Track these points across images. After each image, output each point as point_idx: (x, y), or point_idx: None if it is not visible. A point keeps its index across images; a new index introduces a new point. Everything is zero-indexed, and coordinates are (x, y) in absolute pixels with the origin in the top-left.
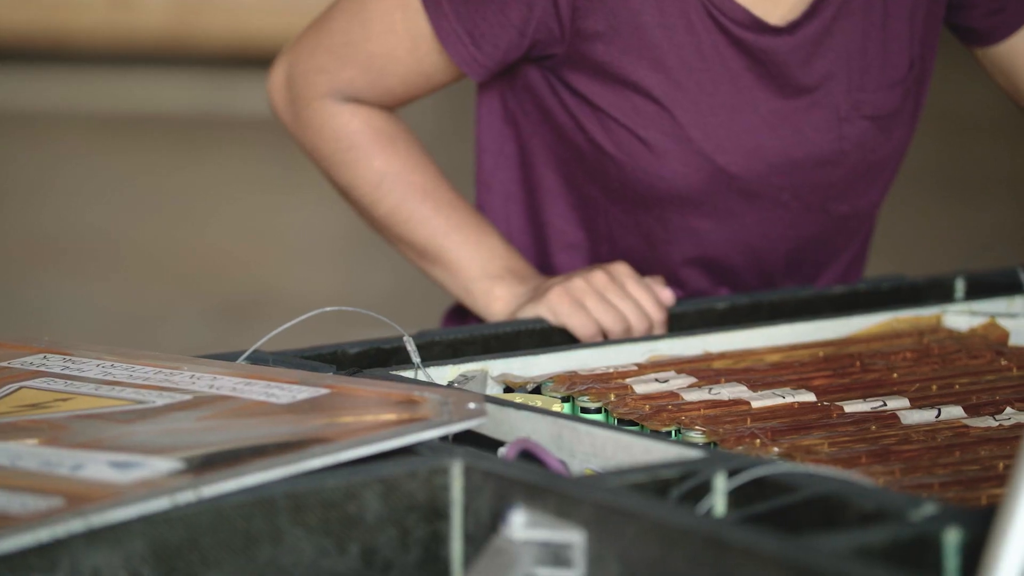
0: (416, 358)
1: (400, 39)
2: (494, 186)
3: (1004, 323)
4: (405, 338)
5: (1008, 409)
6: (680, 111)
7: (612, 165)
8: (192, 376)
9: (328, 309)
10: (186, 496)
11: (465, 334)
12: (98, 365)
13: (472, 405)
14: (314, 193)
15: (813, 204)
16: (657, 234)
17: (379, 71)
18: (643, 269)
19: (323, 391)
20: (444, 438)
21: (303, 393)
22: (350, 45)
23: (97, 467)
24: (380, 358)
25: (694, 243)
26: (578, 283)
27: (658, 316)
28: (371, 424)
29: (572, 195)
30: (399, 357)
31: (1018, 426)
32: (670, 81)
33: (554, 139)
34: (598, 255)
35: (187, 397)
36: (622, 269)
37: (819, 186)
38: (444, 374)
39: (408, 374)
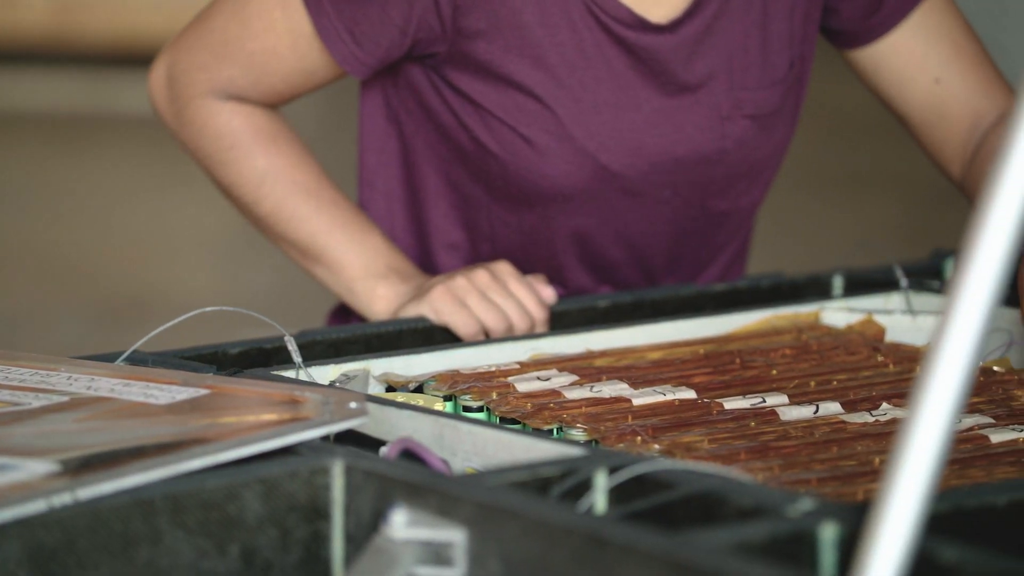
0: (297, 358)
1: (280, 37)
2: (377, 184)
3: (880, 320)
4: (286, 338)
5: (884, 405)
6: (562, 109)
7: (495, 163)
8: (69, 377)
9: (208, 309)
10: (62, 498)
11: (347, 333)
12: None
13: (353, 404)
14: (197, 192)
15: (694, 202)
16: (540, 232)
17: (260, 69)
18: (525, 267)
19: (203, 391)
20: (325, 438)
21: (183, 394)
22: (230, 43)
23: None
24: (261, 358)
25: (577, 241)
26: (460, 282)
27: (540, 315)
28: (252, 424)
29: (454, 194)
30: (280, 357)
31: (894, 422)
32: (552, 79)
33: (437, 138)
34: (479, 255)
35: (64, 399)
36: (504, 268)
37: (700, 184)
38: (326, 374)
39: (290, 374)
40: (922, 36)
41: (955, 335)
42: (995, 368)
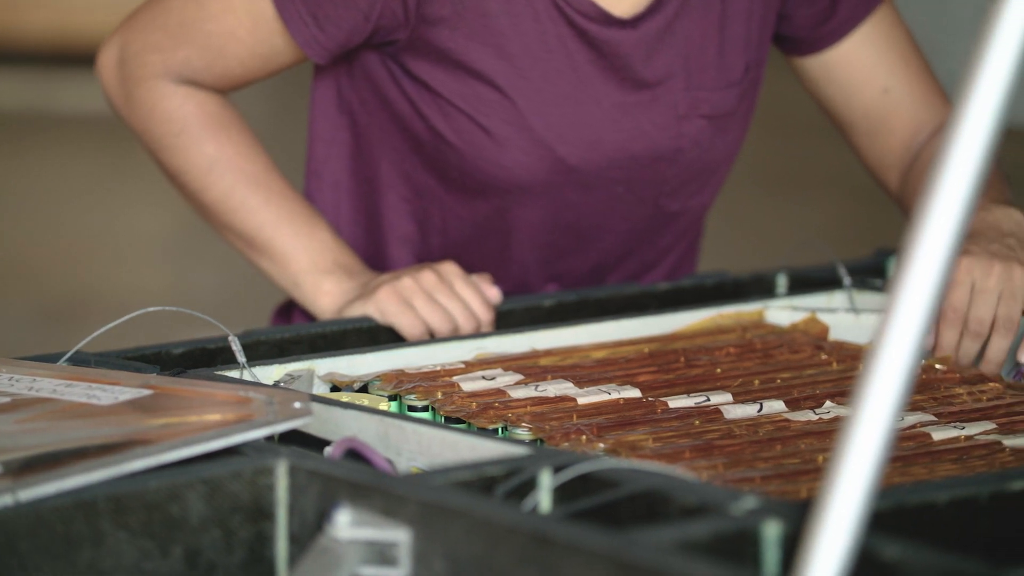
0: (241, 358)
1: (240, 19)
2: (324, 175)
3: (824, 318)
4: (230, 338)
5: (828, 403)
6: (523, 100)
7: (452, 153)
8: (11, 378)
9: (152, 309)
10: (4, 500)
11: (291, 333)
12: None
13: (298, 404)
14: (140, 192)
15: (647, 200)
16: (492, 224)
17: (217, 51)
18: (476, 260)
19: (146, 392)
20: (270, 438)
21: (126, 394)
22: (187, 24)
23: None
24: (205, 358)
25: (529, 235)
26: (407, 282)
27: (486, 316)
28: (195, 425)
29: (406, 186)
30: (225, 357)
31: (837, 420)
32: (513, 70)
33: (391, 128)
34: (429, 247)
35: (6, 400)
36: (451, 268)
37: (654, 183)
38: (270, 374)
39: (234, 374)
40: (872, 46)
41: (896, 333)
42: (937, 366)
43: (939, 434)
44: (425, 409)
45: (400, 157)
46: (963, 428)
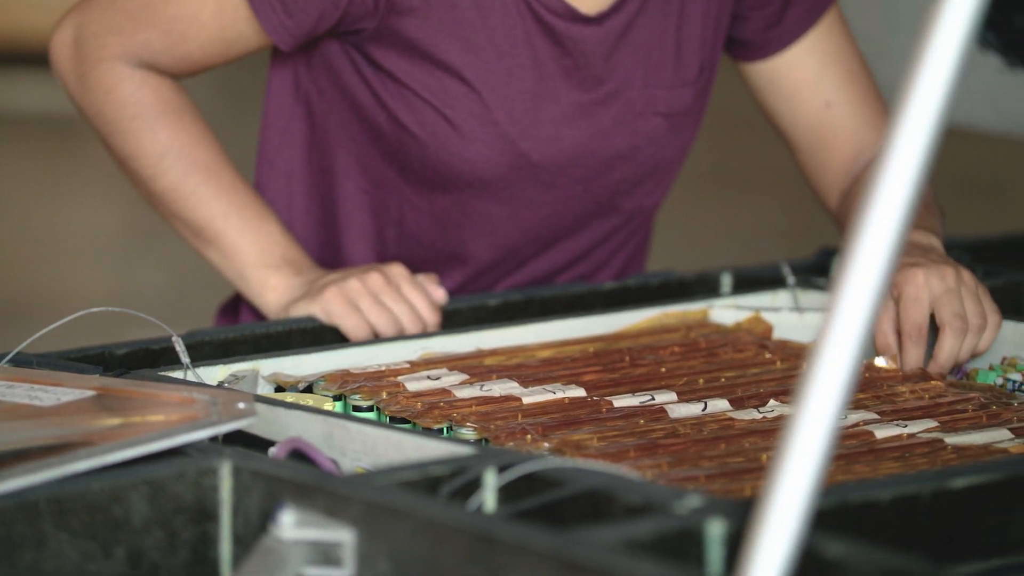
0: (185, 358)
1: (204, 2)
2: (277, 164)
3: (768, 317)
4: (174, 338)
5: (772, 401)
6: (489, 94)
7: (415, 145)
8: None
9: (95, 310)
10: None
11: (236, 333)
12: None
13: (242, 405)
14: (84, 192)
15: (604, 199)
16: (451, 217)
17: (179, 35)
18: (430, 253)
19: (89, 393)
20: (214, 439)
21: (68, 395)
22: (149, 7)
23: None
24: (149, 359)
25: (485, 230)
26: (353, 284)
27: (432, 318)
28: (138, 426)
29: (363, 177)
30: (169, 358)
31: (781, 418)
32: (481, 63)
33: (350, 118)
34: (384, 238)
35: None
36: (398, 271)
37: (612, 181)
38: (214, 374)
39: (178, 374)
40: (818, 57)
41: (839, 332)
42: (880, 364)
43: (882, 432)
44: (370, 409)
45: (358, 148)
46: (906, 426)
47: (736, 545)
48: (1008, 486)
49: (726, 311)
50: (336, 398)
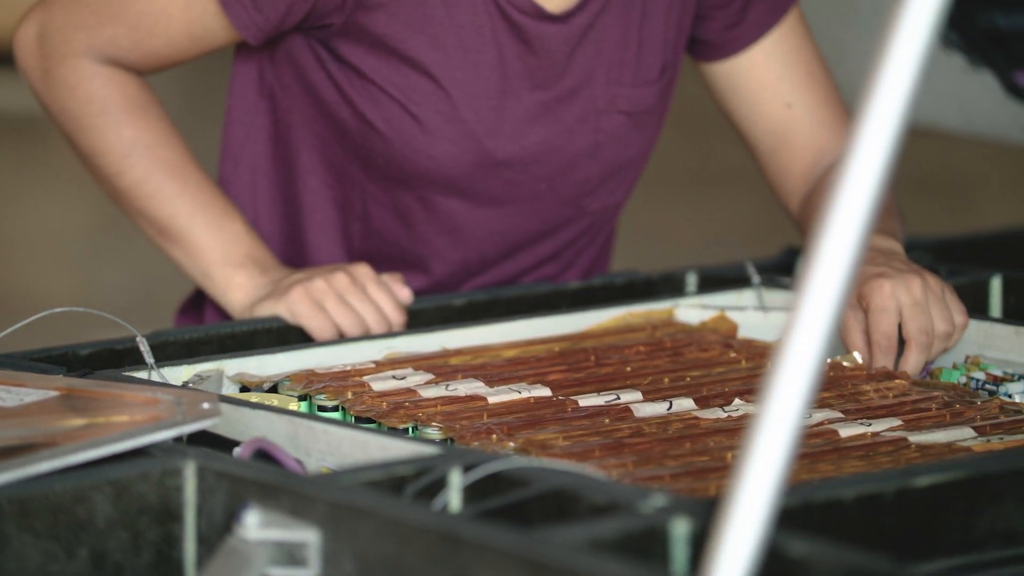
0: (149, 358)
1: None
2: (242, 159)
3: (733, 316)
4: (138, 338)
5: (737, 400)
6: (456, 91)
7: (380, 141)
8: None
9: (59, 310)
10: None
11: (200, 334)
12: None
13: (206, 405)
14: (50, 191)
15: (568, 199)
16: (415, 214)
17: (146, 31)
18: (394, 250)
19: (53, 393)
20: (178, 439)
21: (31, 396)
22: (116, 2)
23: None
24: (113, 359)
25: (449, 228)
26: (319, 284)
27: (397, 319)
28: (102, 426)
29: (328, 172)
30: (133, 358)
31: (746, 417)
32: (448, 60)
33: (314, 114)
34: (348, 234)
35: None
36: (363, 271)
37: (576, 180)
38: (179, 374)
39: (142, 375)
40: (779, 58)
41: (804, 331)
42: (844, 363)
43: (846, 431)
44: (335, 409)
45: (322, 143)
46: (870, 425)
47: (701, 544)
48: (971, 485)
49: (691, 310)
50: (301, 398)
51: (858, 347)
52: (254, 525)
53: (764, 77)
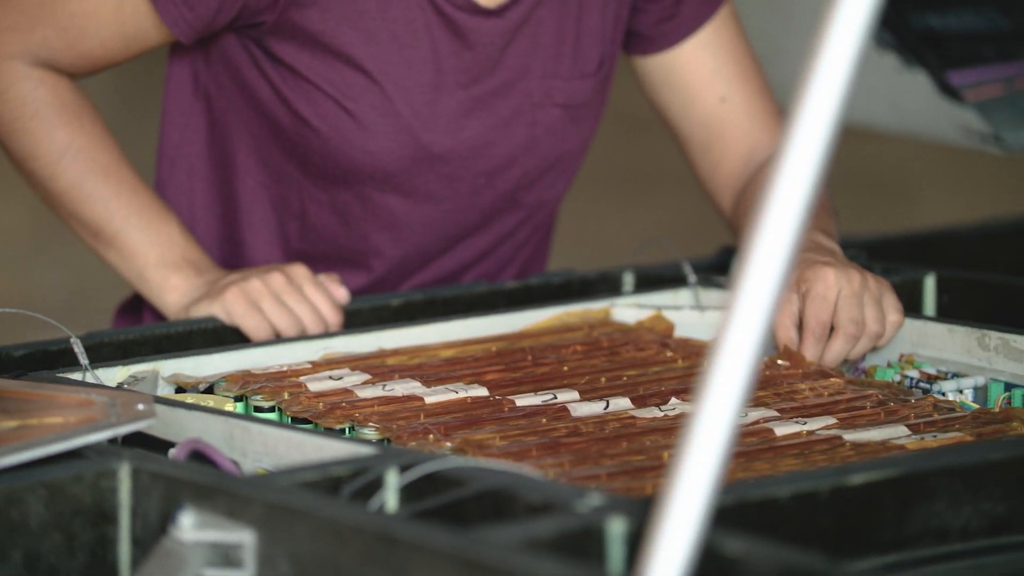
0: (83, 359)
1: None
2: (178, 161)
3: (670, 315)
4: (72, 339)
5: (673, 399)
6: (391, 86)
7: (315, 139)
8: None
9: None
10: None
11: (135, 335)
12: None
13: (141, 406)
14: None
15: (506, 193)
16: (353, 211)
17: (78, 31)
18: (333, 248)
19: None
20: (112, 440)
21: None
22: (47, 4)
23: None
24: (47, 360)
25: (389, 224)
26: (255, 284)
27: (334, 319)
28: (36, 428)
29: (264, 172)
30: (68, 359)
31: (682, 416)
32: (382, 55)
33: (249, 113)
34: (286, 233)
35: None
36: (300, 271)
37: (513, 174)
38: (113, 375)
39: (76, 376)
40: (712, 52)
41: (739, 330)
42: (779, 362)
43: (781, 429)
44: (271, 410)
45: (258, 143)
46: (805, 423)
47: (637, 543)
48: (905, 482)
49: (628, 310)
50: (237, 399)
51: (788, 331)
52: (189, 526)
53: (698, 71)
